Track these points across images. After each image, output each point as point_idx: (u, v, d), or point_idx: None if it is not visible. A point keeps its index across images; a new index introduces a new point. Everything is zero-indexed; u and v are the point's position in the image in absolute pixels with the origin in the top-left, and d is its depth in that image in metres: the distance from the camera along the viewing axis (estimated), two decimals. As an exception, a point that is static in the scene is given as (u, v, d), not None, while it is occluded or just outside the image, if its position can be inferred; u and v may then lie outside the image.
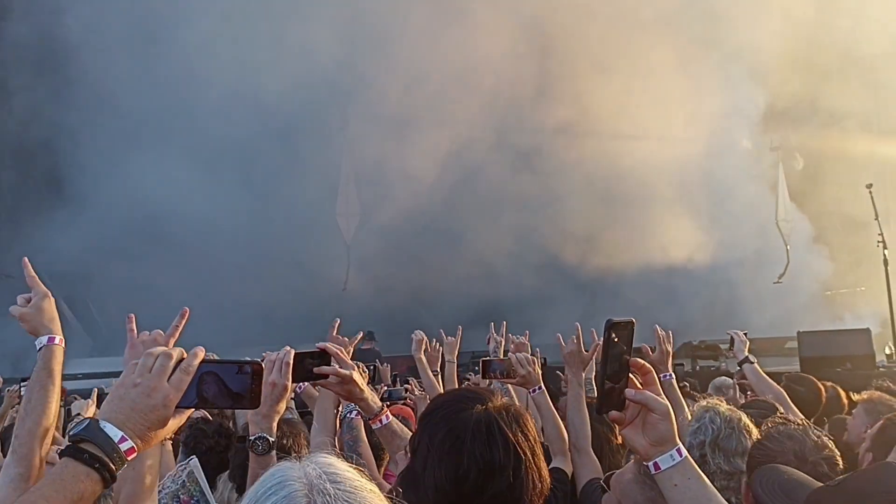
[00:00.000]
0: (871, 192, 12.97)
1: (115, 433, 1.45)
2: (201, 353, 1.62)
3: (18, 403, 4.51)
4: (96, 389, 5.26)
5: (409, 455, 2.57)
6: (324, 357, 2.82)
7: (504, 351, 5.40)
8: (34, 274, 2.58)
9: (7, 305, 2.57)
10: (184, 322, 2.42)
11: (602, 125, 19.50)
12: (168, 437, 1.65)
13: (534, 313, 16.98)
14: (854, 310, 17.76)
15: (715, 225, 19.45)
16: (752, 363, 5.27)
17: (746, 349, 5.39)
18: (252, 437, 2.60)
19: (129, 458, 1.47)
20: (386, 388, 6.62)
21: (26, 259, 2.59)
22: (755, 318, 16.62)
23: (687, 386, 7.90)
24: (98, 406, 4.42)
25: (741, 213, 19.72)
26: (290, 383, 2.65)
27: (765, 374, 5.19)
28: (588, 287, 19.09)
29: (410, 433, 2.75)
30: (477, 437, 1.93)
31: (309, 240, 19.72)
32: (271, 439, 2.60)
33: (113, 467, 1.43)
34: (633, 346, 1.86)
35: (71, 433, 1.47)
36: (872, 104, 19.56)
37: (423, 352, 5.23)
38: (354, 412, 3.80)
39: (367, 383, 5.04)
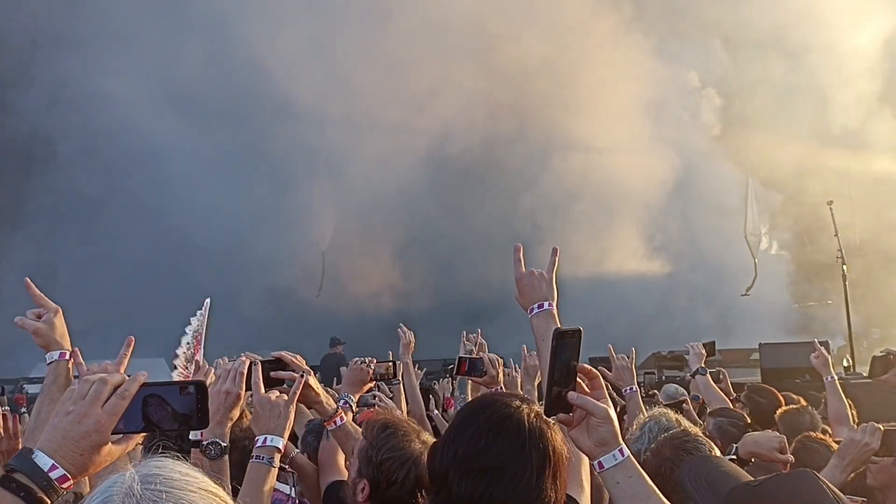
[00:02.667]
0: (831, 209, 13.32)
1: (45, 462, 1.48)
2: (141, 378, 1.61)
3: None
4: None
5: (354, 454, 2.71)
6: (280, 364, 2.96)
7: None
8: (39, 292, 2.61)
9: None
10: (130, 351, 2.40)
11: (568, 137, 19.82)
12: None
13: (510, 319, 17.09)
14: (823, 322, 18.18)
15: (685, 238, 19.79)
16: (704, 375, 5.54)
17: (702, 361, 5.66)
18: (205, 443, 2.70)
19: (62, 486, 1.49)
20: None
21: (28, 279, 2.63)
22: (723, 330, 16.91)
23: (656, 394, 8.08)
24: None
25: (710, 227, 20.07)
26: (243, 392, 2.77)
27: (714, 386, 5.46)
28: (562, 295, 19.19)
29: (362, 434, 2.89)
30: (491, 421, 2.01)
31: (284, 245, 19.72)
32: (223, 444, 2.71)
33: (42, 496, 1.46)
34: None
35: (6, 464, 1.51)
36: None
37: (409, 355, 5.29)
38: (342, 401, 3.86)
39: (387, 379, 4.95)
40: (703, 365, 5.68)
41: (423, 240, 19.69)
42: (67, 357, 2.57)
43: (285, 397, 2.84)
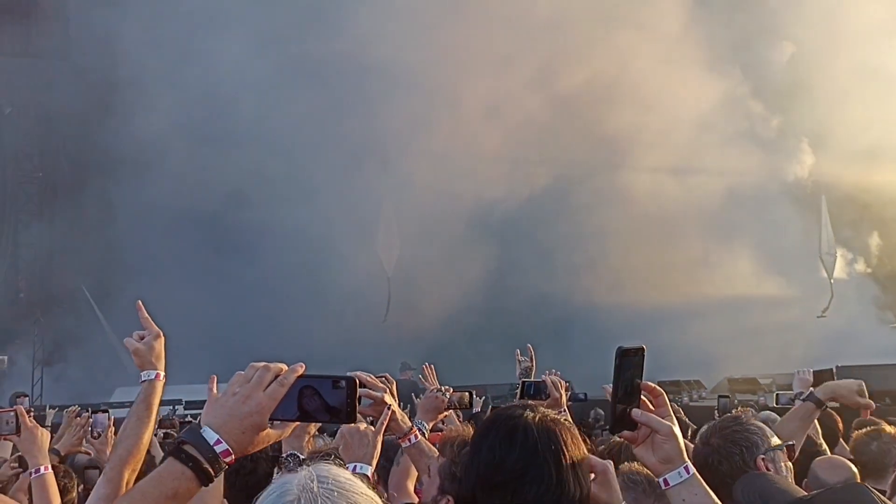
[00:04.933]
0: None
1: (211, 436, 1.62)
2: (300, 369, 1.72)
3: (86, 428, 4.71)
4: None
5: (430, 475, 2.78)
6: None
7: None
8: (147, 316, 2.82)
9: None
10: (214, 385, 2.55)
11: (642, 159, 19.69)
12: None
13: (577, 346, 17.02)
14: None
15: (757, 259, 19.35)
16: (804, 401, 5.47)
17: (807, 387, 5.59)
18: (284, 455, 2.83)
19: (225, 460, 1.62)
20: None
21: (140, 302, 2.84)
22: (799, 352, 16.42)
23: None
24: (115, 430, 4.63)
25: (784, 247, 19.59)
26: None
27: None
28: (624, 322, 19.02)
29: (436, 452, 2.96)
30: (500, 435, 2.04)
31: (351, 271, 20.04)
32: (301, 456, 2.82)
33: (207, 467, 1.60)
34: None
35: (177, 436, 1.69)
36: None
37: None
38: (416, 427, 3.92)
39: (462, 408, 4.93)
40: (805, 391, 5.61)
41: (490, 266, 19.75)
42: (160, 378, 2.76)
43: (373, 428, 2.99)
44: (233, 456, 1.63)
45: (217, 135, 19.67)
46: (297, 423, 1.74)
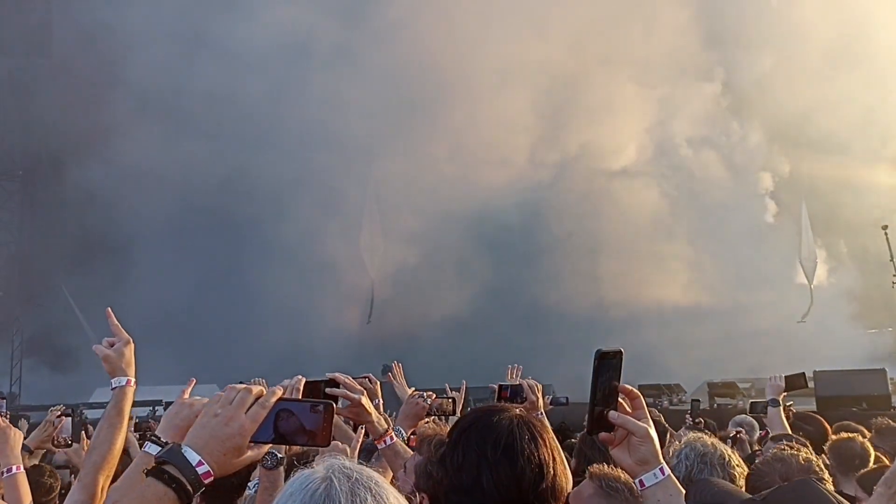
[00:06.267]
0: (886, 233, 13.10)
1: (193, 457, 1.62)
2: (279, 392, 1.74)
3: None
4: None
5: (405, 471, 2.79)
6: (334, 384, 3.11)
7: None
8: (117, 323, 2.84)
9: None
10: (189, 388, 2.60)
11: (624, 165, 19.84)
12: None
13: (562, 349, 17.08)
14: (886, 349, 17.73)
15: (738, 264, 19.49)
16: (775, 407, 5.59)
17: (779, 394, 5.72)
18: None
19: (205, 482, 1.63)
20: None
21: (109, 309, 2.86)
22: (778, 357, 16.55)
23: (701, 423, 7.97)
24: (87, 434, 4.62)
25: (764, 253, 19.76)
26: None
27: (784, 419, 5.54)
28: (606, 326, 19.12)
29: (411, 453, 2.98)
30: (524, 439, 2.04)
31: (333, 274, 19.98)
32: (279, 455, 2.84)
33: (189, 488, 1.60)
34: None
35: (157, 455, 1.66)
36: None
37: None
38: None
39: (445, 414, 4.97)
40: (777, 397, 5.72)
41: (476, 268, 19.75)
42: (131, 384, 2.78)
43: (347, 447, 3.06)
44: (213, 477, 1.64)
45: (204, 129, 19.56)
46: (271, 444, 1.75)
